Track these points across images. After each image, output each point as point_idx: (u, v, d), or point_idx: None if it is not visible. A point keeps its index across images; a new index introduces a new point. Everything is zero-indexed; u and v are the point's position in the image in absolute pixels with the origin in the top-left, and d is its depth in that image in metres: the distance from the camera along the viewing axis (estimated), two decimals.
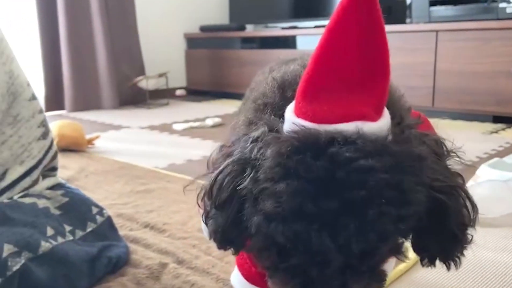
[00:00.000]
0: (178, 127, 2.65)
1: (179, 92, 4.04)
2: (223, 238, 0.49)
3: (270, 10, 3.78)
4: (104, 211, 1.07)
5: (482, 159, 1.81)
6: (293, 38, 3.34)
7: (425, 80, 2.70)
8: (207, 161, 0.54)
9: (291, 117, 0.44)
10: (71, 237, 0.93)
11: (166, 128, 2.69)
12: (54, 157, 1.06)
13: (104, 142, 2.33)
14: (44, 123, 1.02)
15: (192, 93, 4.12)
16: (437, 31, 2.63)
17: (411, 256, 1.06)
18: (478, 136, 2.31)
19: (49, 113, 3.10)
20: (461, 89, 2.60)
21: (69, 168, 1.82)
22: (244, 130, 0.51)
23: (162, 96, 3.66)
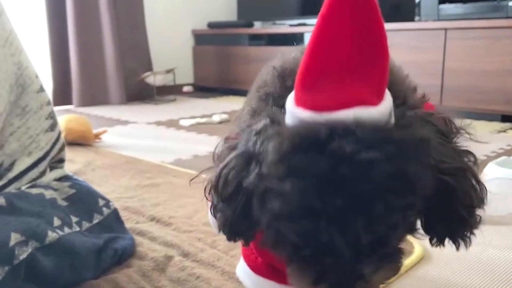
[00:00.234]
0: (185, 123, 2.65)
1: (186, 89, 4.05)
2: (232, 230, 0.49)
3: (278, 7, 3.78)
4: (110, 203, 1.08)
5: (490, 158, 1.80)
6: (301, 35, 3.33)
7: (433, 78, 2.69)
8: (213, 154, 0.55)
9: (292, 108, 0.44)
10: (77, 228, 0.94)
11: (173, 123, 2.70)
12: (61, 149, 1.06)
13: (111, 137, 2.34)
14: (52, 115, 1.03)
15: (199, 89, 4.13)
16: (446, 29, 2.62)
17: (416, 252, 1.06)
18: (486, 135, 2.30)
19: (57, 108, 3.11)
20: (469, 87, 2.59)
21: (76, 162, 1.83)
22: (248, 120, 0.51)
23: (169, 92, 3.67)
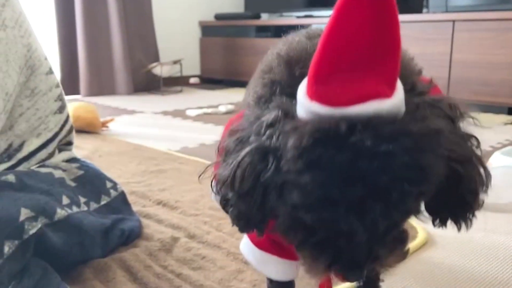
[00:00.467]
0: (191, 113, 2.66)
1: (193, 80, 4.06)
2: (246, 224, 0.50)
3: None
4: (118, 186, 1.09)
5: (496, 149, 1.80)
6: (308, 27, 3.32)
7: (440, 70, 2.68)
8: (217, 146, 0.54)
9: (305, 101, 0.43)
10: (85, 208, 0.95)
11: (179, 113, 2.71)
12: (70, 131, 1.08)
13: (118, 125, 2.35)
14: (60, 97, 1.04)
15: (206, 81, 4.13)
16: (454, 21, 2.60)
17: (420, 236, 1.07)
18: (493, 127, 2.29)
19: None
20: (476, 80, 2.58)
21: (83, 148, 1.85)
22: (255, 110, 0.50)
23: (176, 83, 3.68)
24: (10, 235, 0.74)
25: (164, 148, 1.92)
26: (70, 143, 1.09)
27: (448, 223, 0.52)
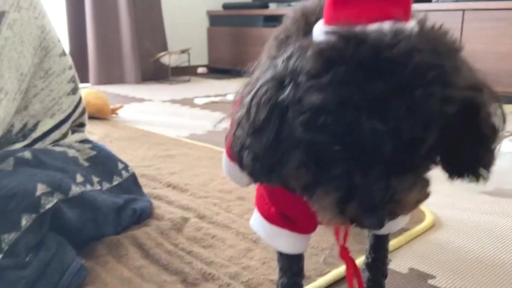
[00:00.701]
0: (199, 101, 2.68)
1: (200, 70, 4.07)
2: (263, 165, 0.47)
3: None
4: (129, 167, 1.11)
5: (505, 137, 1.80)
6: None
7: None
8: (235, 98, 0.54)
9: (322, 28, 0.43)
10: (98, 187, 0.97)
11: (187, 102, 2.73)
12: (82, 113, 1.09)
13: (127, 113, 2.38)
14: (73, 79, 1.06)
15: (213, 71, 4.14)
16: (463, 10, 2.59)
17: (427, 218, 1.08)
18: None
19: None
20: (485, 69, 2.55)
21: (94, 134, 1.87)
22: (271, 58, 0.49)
23: (183, 73, 3.69)
24: (27, 208, 0.76)
25: (173, 134, 1.93)
26: (82, 125, 1.11)
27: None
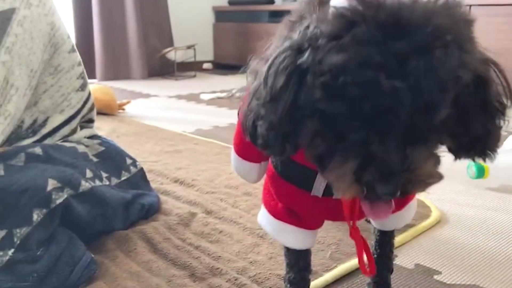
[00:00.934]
0: (205, 97, 2.69)
1: (206, 66, 4.07)
2: (278, 133, 0.46)
3: None
4: (137, 163, 1.12)
5: (510, 133, 1.80)
6: None
7: None
8: (248, 71, 0.54)
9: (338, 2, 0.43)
10: (107, 182, 0.98)
11: (193, 97, 2.74)
12: (91, 109, 1.11)
13: (133, 108, 2.39)
14: (82, 75, 1.07)
15: (219, 67, 4.14)
16: (470, 6, 2.58)
17: (433, 215, 1.08)
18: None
19: None
20: None
21: (101, 129, 1.88)
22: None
23: (189, 69, 3.70)
24: (39, 203, 0.77)
25: (179, 130, 1.95)
26: (91, 121, 1.12)
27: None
